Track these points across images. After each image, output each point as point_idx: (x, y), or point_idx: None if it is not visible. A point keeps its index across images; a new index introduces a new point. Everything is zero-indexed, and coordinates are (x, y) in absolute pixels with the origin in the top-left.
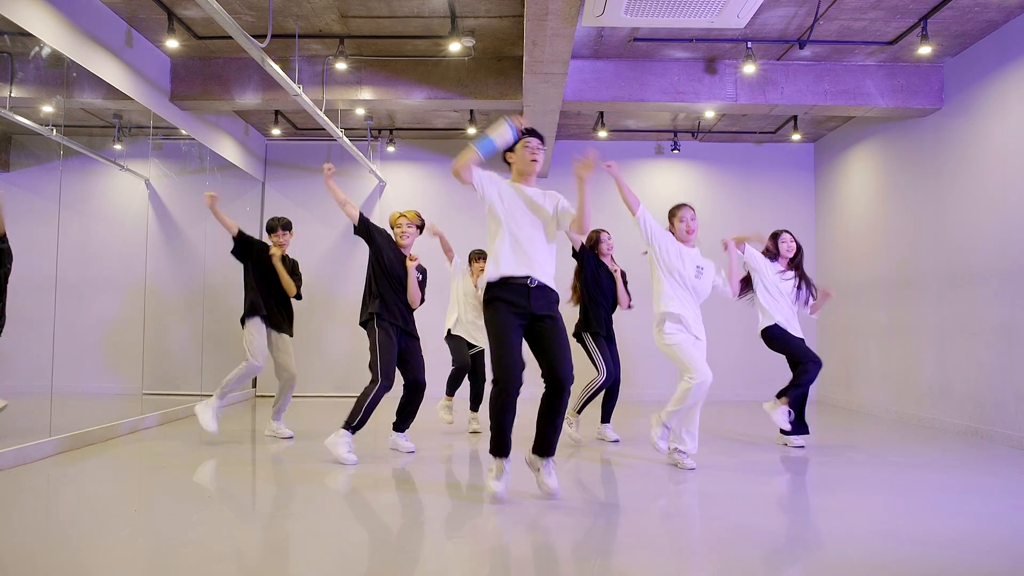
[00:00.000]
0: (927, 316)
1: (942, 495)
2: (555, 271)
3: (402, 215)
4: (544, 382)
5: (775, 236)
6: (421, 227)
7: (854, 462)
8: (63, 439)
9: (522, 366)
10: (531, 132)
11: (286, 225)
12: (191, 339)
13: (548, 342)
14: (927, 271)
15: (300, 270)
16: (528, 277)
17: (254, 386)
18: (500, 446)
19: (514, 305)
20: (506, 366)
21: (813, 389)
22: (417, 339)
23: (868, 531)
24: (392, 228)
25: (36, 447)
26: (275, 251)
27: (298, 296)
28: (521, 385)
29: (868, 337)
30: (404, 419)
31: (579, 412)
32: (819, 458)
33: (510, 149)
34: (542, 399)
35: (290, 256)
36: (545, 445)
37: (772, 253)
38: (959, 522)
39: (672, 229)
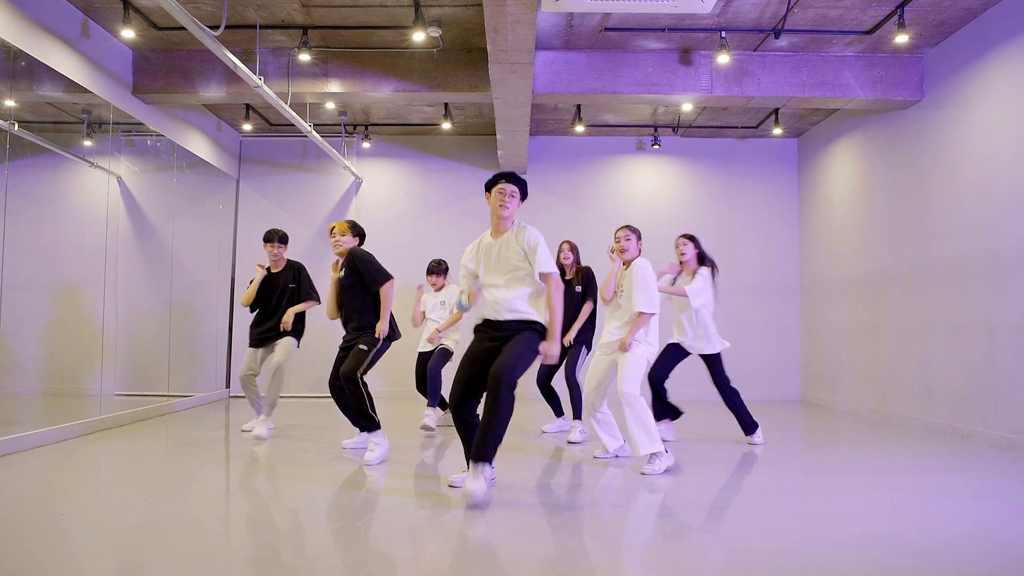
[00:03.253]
0: (909, 313)
1: (919, 498)
2: (527, 298)
3: (334, 226)
4: None
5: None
6: (360, 235)
7: (833, 464)
8: (19, 439)
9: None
10: (507, 177)
11: (282, 238)
12: (160, 339)
13: (503, 348)
14: (908, 267)
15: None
16: (495, 320)
17: (228, 386)
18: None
19: (487, 336)
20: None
21: (795, 387)
22: (353, 345)
23: (843, 535)
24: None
25: None
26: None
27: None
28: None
29: (851, 335)
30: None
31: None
32: (799, 459)
33: (487, 190)
34: None
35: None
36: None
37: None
38: (938, 526)
39: None
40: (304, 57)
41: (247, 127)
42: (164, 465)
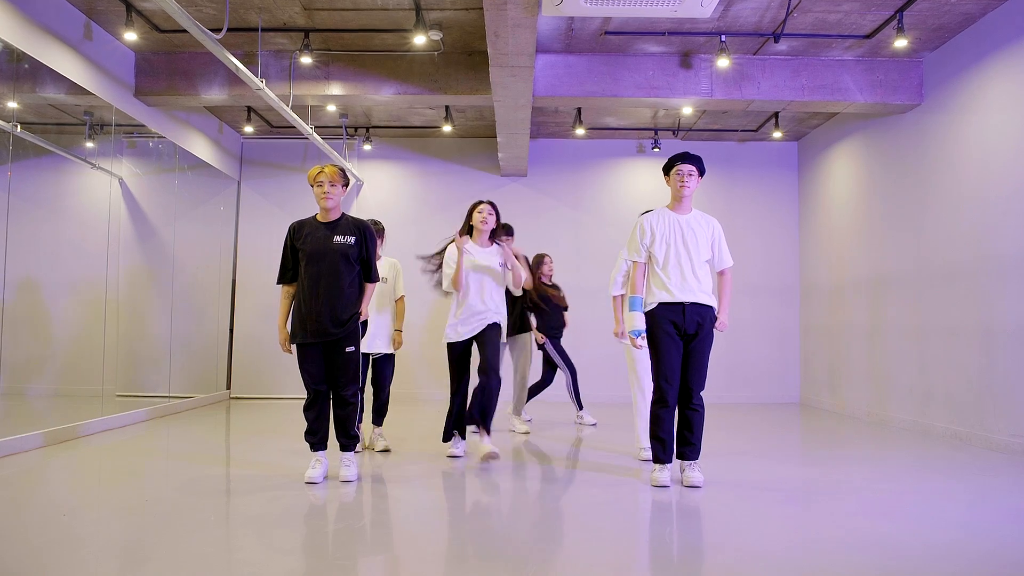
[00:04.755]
0: (908, 316)
1: (917, 501)
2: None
3: (321, 170)
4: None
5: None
6: (346, 186)
7: (831, 467)
8: (20, 439)
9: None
10: (684, 158)
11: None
12: (161, 340)
13: (689, 357)
14: (907, 270)
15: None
16: (685, 302)
17: (228, 387)
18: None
19: (672, 323)
20: (660, 377)
21: (794, 390)
22: (342, 343)
23: (841, 538)
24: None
25: None
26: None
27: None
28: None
29: (851, 338)
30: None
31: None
32: (797, 461)
33: (666, 173)
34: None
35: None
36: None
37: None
38: (935, 530)
39: None
40: (306, 60)
41: (248, 129)
42: (165, 466)
